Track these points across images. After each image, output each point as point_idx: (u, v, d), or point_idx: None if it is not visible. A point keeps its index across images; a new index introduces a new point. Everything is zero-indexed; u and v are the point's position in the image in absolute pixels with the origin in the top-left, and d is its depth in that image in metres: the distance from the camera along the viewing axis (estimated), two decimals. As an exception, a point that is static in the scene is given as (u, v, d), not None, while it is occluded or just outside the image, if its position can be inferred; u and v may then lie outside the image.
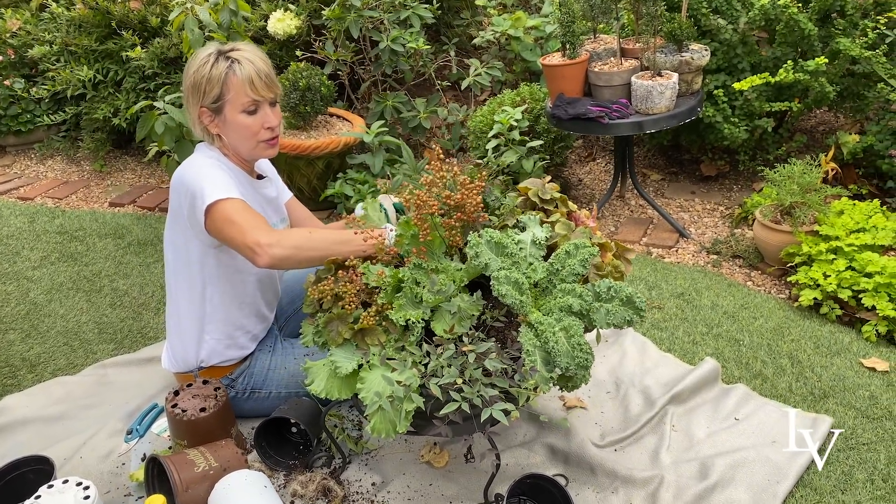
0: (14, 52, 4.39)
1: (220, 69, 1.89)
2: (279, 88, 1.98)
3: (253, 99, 1.91)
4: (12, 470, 1.88)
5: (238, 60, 1.90)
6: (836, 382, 2.20)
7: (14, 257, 3.26)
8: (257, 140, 1.96)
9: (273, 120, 1.96)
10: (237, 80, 1.89)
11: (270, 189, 2.15)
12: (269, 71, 1.94)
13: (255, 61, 1.91)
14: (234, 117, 1.92)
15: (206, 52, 1.92)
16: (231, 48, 1.93)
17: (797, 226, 2.71)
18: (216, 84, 1.89)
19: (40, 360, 2.53)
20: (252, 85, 1.89)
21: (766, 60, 3.19)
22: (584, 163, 4.06)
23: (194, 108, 1.95)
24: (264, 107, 1.94)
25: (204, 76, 1.90)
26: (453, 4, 4.64)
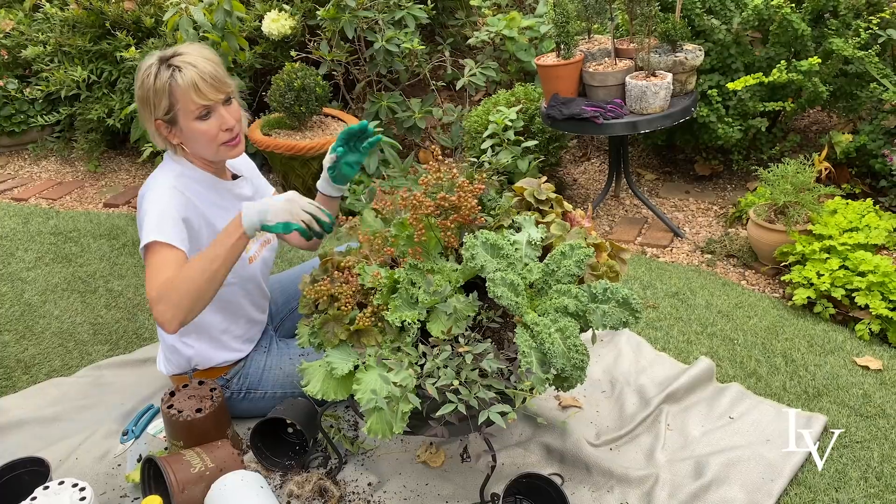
0: (7, 52, 4.37)
1: (163, 80, 1.81)
2: (230, 86, 1.89)
3: (202, 104, 1.83)
4: (7, 471, 1.87)
5: (179, 67, 1.81)
6: (829, 381, 2.22)
7: (8, 258, 3.25)
8: (217, 143, 1.90)
9: (229, 120, 1.89)
10: (182, 88, 1.81)
11: (246, 188, 2.11)
12: (214, 71, 1.85)
13: (199, 64, 1.82)
14: (189, 125, 1.86)
15: (148, 63, 1.85)
16: (173, 53, 1.85)
17: (791, 225, 2.73)
18: (163, 95, 1.82)
19: (35, 362, 2.53)
20: (197, 90, 1.81)
21: (759, 60, 3.20)
22: (578, 163, 4.07)
23: (149, 123, 1.90)
24: (217, 109, 1.86)
25: (149, 89, 1.83)
26: (448, 5, 4.64)
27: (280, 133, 3.68)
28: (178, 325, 1.69)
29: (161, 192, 1.87)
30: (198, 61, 1.83)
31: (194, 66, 1.82)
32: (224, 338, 2.07)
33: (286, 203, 1.72)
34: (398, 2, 3.81)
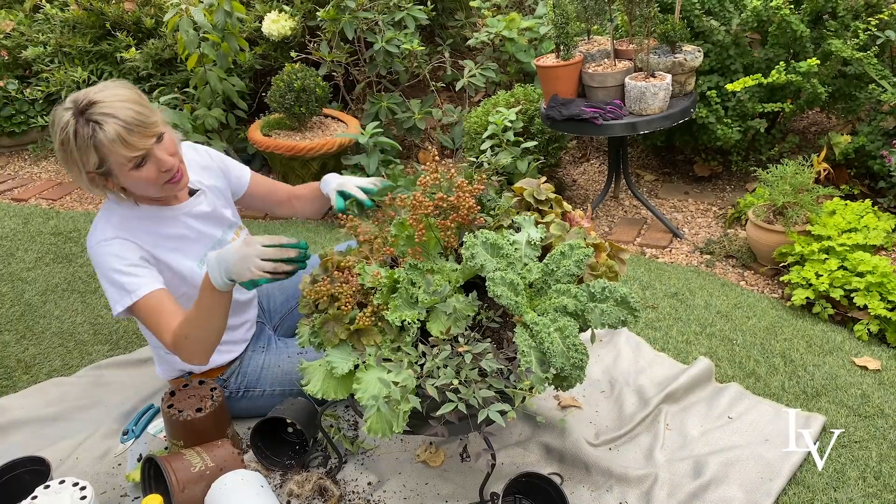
0: (8, 53, 4.38)
1: (84, 137, 1.67)
2: (158, 124, 1.75)
3: (133, 156, 1.71)
4: (8, 471, 1.88)
5: (98, 122, 1.66)
6: (828, 381, 2.22)
7: (8, 258, 3.26)
8: (159, 185, 1.81)
9: (167, 161, 1.77)
10: (107, 145, 1.67)
11: (203, 203, 2.00)
12: (138, 116, 1.69)
13: (119, 113, 1.67)
14: (126, 175, 1.75)
15: (63, 120, 1.68)
16: (87, 103, 1.67)
17: (790, 226, 2.73)
18: (88, 152, 1.69)
19: (35, 361, 2.53)
20: (125, 143, 1.68)
21: (758, 62, 3.21)
22: (578, 163, 4.08)
23: (80, 176, 1.76)
24: (151, 152, 1.74)
25: (71, 149, 1.69)
26: (447, 6, 4.66)
27: (280, 134, 3.69)
28: (207, 360, 1.82)
29: (107, 252, 1.80)
30: (118, 110, 1.68)
31: (115, 118, 1.67)
32: None
33: (244, 259, 1.62)
34: (398, 3, 3.82)
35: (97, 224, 1.87)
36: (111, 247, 1.81)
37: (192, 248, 1.98)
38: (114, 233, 1.83)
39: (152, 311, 1.77)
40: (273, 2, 4.08)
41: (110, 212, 1.88)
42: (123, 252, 1.81)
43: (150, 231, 1.90)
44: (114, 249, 1.81)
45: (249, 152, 4.15)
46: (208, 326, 1.75)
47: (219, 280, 1.67)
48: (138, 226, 1.88)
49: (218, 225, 2.06)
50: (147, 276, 1.81)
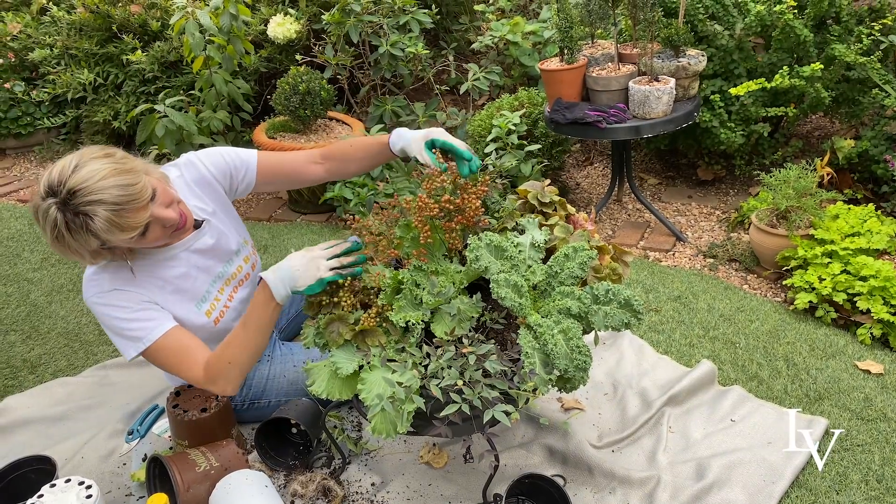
0: (14, 55, 4.40)
1: (78, 228, 1.58)
2: (145, 190, 1.62)
3: (129, 237, 1.63)
4: (14, 470, 1.89)
5: (87, 213, 1.55)
6: (831, 384, 2.23)
7: (14, 259, 3.28)
8: (164, 239, 1.77)
9: (168, 218, 1.70)
10: (103, 235, 1.59)
11: (207, 236, 1.93)
12: (124, 190, 1.57)
13: (105, 196, 1.55)
14: (129, 245, 1.71)
15: (51, 217, 1.56)
16: (68, 192, 1.54)
17: (793, 230, 2.74)
18: (87, 240, 1.60)
19: (41, 362, 2.55)
20: (120, 228, 1.59)
21: (762, 66, 3.22)
22: (581, 167, 4.09)
23: (83, 258, 1.68)
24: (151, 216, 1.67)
25: (69, 242, 1.61)
26: (452, 10, 4.68)
27: (285, 136, 3.70)
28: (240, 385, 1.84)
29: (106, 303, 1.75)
30: (102, 193, 1.55)
31: (102, 203, 1.55)
32: None
33: (309, 263, 1.65)
34: (403, 6, 3.83)
35: (90, 276, 1.79)
36: (109, 298, 1.75)
37: (193, 288, 1.91)
38: (110, 284, 1.76)
39: (171, 351, 1.73)
40: (278, 5, 4.10)
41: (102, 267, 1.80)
42: (123, 301, 1.75)
43: (148, 276, 1.83)
44: (113, 300, 1.74)
45: (254, 155, 4.17)
46: (255, 345, 1.76)
47: (282, 292, 1.69)
48: (135, 274, 1.81)
49: (220, 258, 1.99)
50: (156, 317, 1.76)
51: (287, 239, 3.39)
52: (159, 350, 1.76)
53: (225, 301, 1.99)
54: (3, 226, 3.63)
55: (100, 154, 1.62)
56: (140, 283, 1.81)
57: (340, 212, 3.47)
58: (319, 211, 3.70)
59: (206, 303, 1.94)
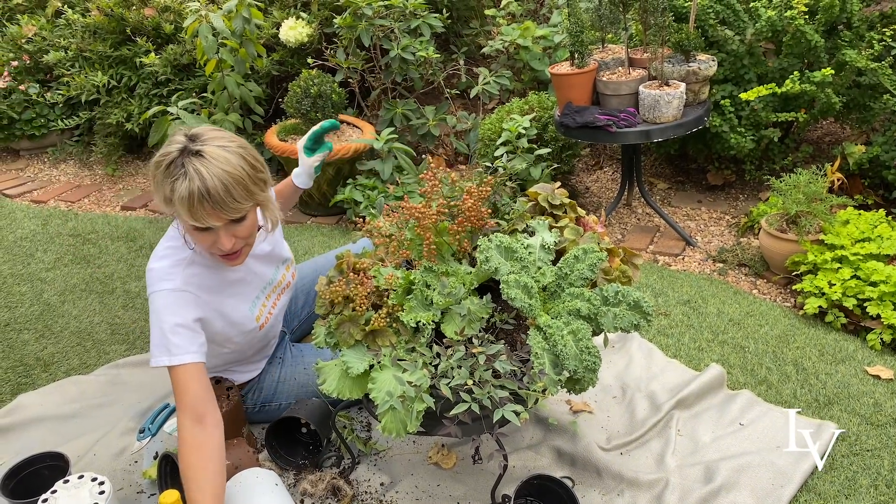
0: (29, 57, 4.45)
1: (170, 175, 1.59)
2: (241, 210, 1.63)
3: (192, 224, 1.63)
4: (27, 466, 1.91)
5: (186, 174, 1.56)
6: (840, 389, 2.22)
7: (28, 259, 3.31)
8: (211, 252, 1.74)
9: (224, 244, 1.67)
10: (177, 197, 1.58)
11: (264, 244, 1.98)
12: (226, 193, 1.57)
13: (209, 180, 1.56)
14: (186, 226, 1.68)
15: (172, 147, 1.61)
16: (196, 150, 1.58)
17: (803, 235, 2.74)
18: (164, 186, 1.61)
19: (54, 360, 2.57)
20: (191, 210, 1.58)
21: (772, 71, 3.22)
22: (591, 171, 4.09)
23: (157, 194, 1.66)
24: (216, 230, 1.66)
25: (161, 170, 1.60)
26: (463, 14, 4.69)
27: (296, 139, 3.73)
28: None
29: (169, 302, 1.72)
30: (212, 176, 1.57)
31: (202, 180, 1.56)
32: (235, 367, 2.11)
33: None
34: (414, 10, 3.86)
35: (166, 264, 1.76)
36: (175, 298, 1.72)
37: (247, 292, 1.94)
38: (182, 282, 1.74)
39: (182, 382, 1.68)
40: (290, 9, 4.13)
41: (179, 250, 1.78)
42: (183, 309, 1.73)
43: (213, 277, 1.83)
44: (177, 302, 1.72)
45: (266, 157, 4.20)
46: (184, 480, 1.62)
47: None
48: (203, 272, 1.80)
49: (273, 263, 2.03)
50: (193, 344, 1.71)
51: (297, 241, 3.41)
52: (178, 374, 1.69)
53: (270, 308, 2.02)
54: (16, 226, 3.66)
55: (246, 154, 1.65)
56: (206, 284, 1.80)
57: (351, 214, 3.49)
58: (330, 213, 3.72)
59: (255, 308, 1.96)
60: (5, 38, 4.56)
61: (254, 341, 2.02)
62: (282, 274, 2.08)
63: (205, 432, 1.64)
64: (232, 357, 2.03)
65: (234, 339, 1.94)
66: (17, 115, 4.43)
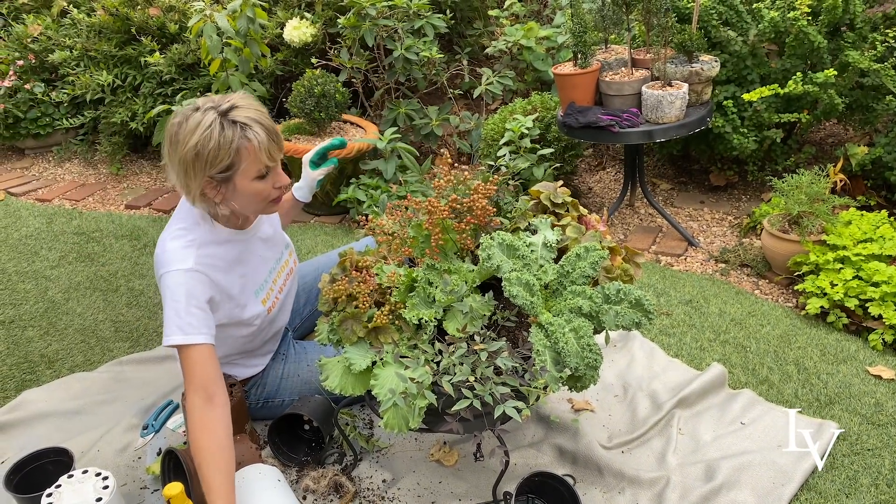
0: (35, 56, 4.47)
1: (229, 138, 1.69)
2: (284, 146, 1.85)
3: (268, 165, 1.77)
4: (32, 461, 1.92)
5: (248, 125, 1.71)
6: (842, 389, 2.23)
7: (33, 257, 3.33)
8: (267, 201, 1.84)
9: (284, 178, 1.84)
10: (252, 149, 1.71)
11: (266, 226, 2.05)
12: (275, 127, 1.78)
13: (264, 122, 1.74)
14: (245, 185, 1.77)
15: (208, 119, 1.70)
16: (229, 106, 1.72)
17: (805, 235, 2.74)
18: (227, 154, 1.70)
19: (58, 357, 2.59)
20: (268, 153, 1.74)
21: (775, 72, 3.23)
22: (593, 171, 4.10)
23: (196, 180, 1.73)
24: (276, 168, 1.81)
25: (212, 147, 1.69)
26: (466, 15, 4.71)
27: (300, 138, 3.74)
28: None
29: (182, 282, 1.75)
30: (263, 120, 1.74)
31: (262, 125, 1.73)
32: (240, 360, 2.12)
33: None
34: (418, 11, 3.87)
35: (178, 245, 1.79)
36: (188, 278, 1.75)
37: (255, 275, 1.97)
38: (194, 262, 1.77)
39: (194, 361, 1.71)
40: (295, 9, 4.15)
41: (190, 237, 1.82)
42: (197, 289, 1.76)
43: (225, 258, 1.87)
44: (190, 282, 1.75)
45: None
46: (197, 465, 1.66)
47: None
48: (216, 252, 1.84)
49: (276, 247, 2.08)
50: (205, 325, 1.75)
51: (301, 240, 3.42)
52: (190, 354, 1.72)
53: (276, 292, 2.06)
54: (21, 224, 3.68)
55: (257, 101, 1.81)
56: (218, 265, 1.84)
57: (354, 213, 3.50)
58: (333, 213, 3.73)
59: (262, 291, 2.00)
60: (11, 37, 4.58)
61: (262, 326, 2.02)
62: (285, 259, 2.12)
63: (214, 412, 1.68)
64: (239, 345, 2.03)
65: (243, 322, 1.95)
66: (23, 114, 4.45)
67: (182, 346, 1.72)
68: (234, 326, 1.96)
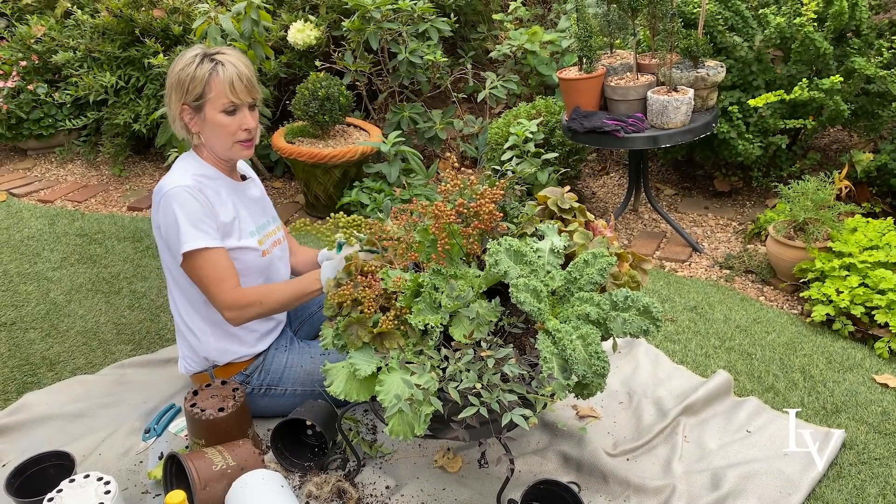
0: (38, 57, 4.46)
1: (203, 70, 1.96)
2: (258, 93, 2.06)
3: (231, 101, 1.98)
4: (34, 464, 1.91)
5: (222, 63, 1.97)
6: (848, 397, 2.21)
7: (34, 258, 3.31)
8: (234, 140, 2.03)
9: (250, 122, 2.04)
10: (219, 81, 1.96)
11: (254, 189, 2.22)
12: (250, 76, 2.01)
13: (238, 65, 1.99)
14: (214, 116, 1.99)
15: (193, 53, 2.00)
16: (216, 51, 2.01)
17: (810, 242, 2.73)
18: (199, 83, 1.96)
19: (60, 359, 2.57)
20: (232, 87, 1.97)
21: (780, 78, 3.22)
22: (597, 176, 4.09)
23: (176, 105, 2.02)
24: (243, 109, 2.01)
25: (189, 75, 1.96)
26: (470, 18, 4.70)
27: (303, 141, 3.73)
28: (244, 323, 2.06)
29: (184, 197, 1.96)
30: (238, 63, 2.00)
31: (235, 66, 1.98)
32: (241, 332, 2.12)
33: None
34: (422, 14, 3.86)
35: (175, 172, 2.03)
36: (187, 196, 1.95)
37: (246, 220, 2.12)
38: (193, 182, 1.98)
39: (216, 265, 1.96)
40: (299, 11, 4.14)
41: (184, 167, 2.05)
42: (196, 204, 1.96)
43: (216, 190, 2.05)
44: (189, 199, 1.95)
45: (272, 159, 4.21)
46: (283, 303, 2.03)
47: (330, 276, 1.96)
48: (209, 184, 2.04)
49: (265, 213, 2.23)
50: (216, 232, 1.99)
51: (304, 242, 3.41)
52: (210, 258, 1.96)
53: (270, 245, 2.18)
54: (23, 225, 3.67)
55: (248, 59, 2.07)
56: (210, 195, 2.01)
57: (357, 217, 3.48)
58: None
59: (257, 234, 2.14)
60: (14, 38, 4.57)
61: (264, 265, 2.13)
62: (273, 227, 2.24)
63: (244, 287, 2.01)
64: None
65: (239, 259, 2.07)
66: (25, 115, 4.44)
67: (203, 249, 1.94)
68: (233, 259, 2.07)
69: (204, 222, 1.96)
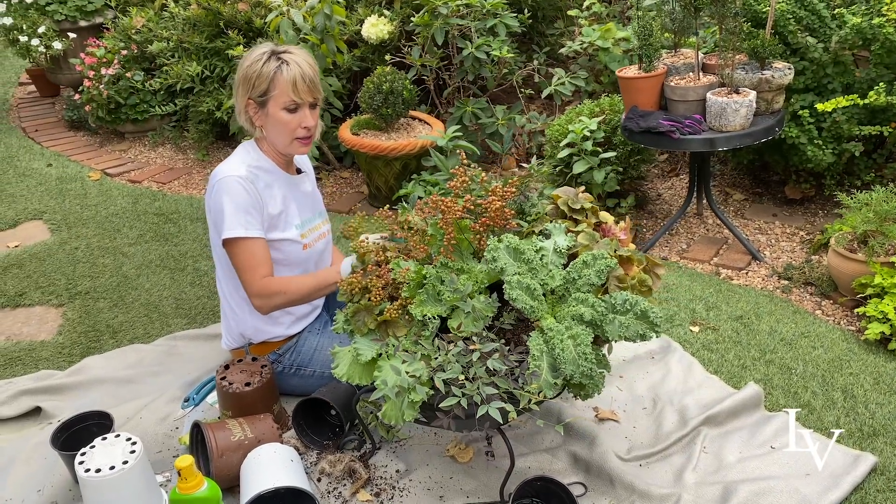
0: (137, 46, 4.78)
1: (270, 68, 2.05)
2: (320, 93, 2.14)
3: (293, 99, 2.07)
4: (79, 422, 2.09)
5: (287, 62, 2.06)
6: (889, 421, 2.09)
7: (115, 234, 3.57)
8: (293, 137, 2.13)
9: (310, 121, 2.13)
10: (283, 80, 2.05)
11: (307, 184, 2.32)
12: (313, 76, 2.10)
13: (303, 65, 2.07)
14: (276, 113, 2.09)
15: (261, 51, 2.09)
16: (284, 50, 2.10)
17: (871, 255, 2.58)
18: (265, 80, 2.06)
19: (122, 328, 2.78)
20: (295, 87, 2.06)
21: (860, 82, 3.04)
22: (666, 178, 3.99)
23: (242, 99, 2.13)
24: (304, 108, 2.10)
25: (255, 72, 2.07)
26: (548, 14, 4.67)
27: (368, 133, 3.84)
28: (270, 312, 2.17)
29: (234, 187, 2.07)
30: (303, 63, 2.08)
31: (299, 66, 2.07)
32: (277, 314, 2.22)
33: None
34: (493, 10, 3.88)
35: (233, 160, 2.15)
36: (237, 185, 2.06)
37: (294, 211, 2.21)
38: (242, 174, 2.09)
39: (252, 254, 2.08)
40: (375, 6, 4.25)
41: (242, 157, 2.16)
42: (245, 194, 2.07)
43: (270, 184, 2.15)
44: (239, 188, 2.06)
45: (342, 150, 4.34)
46: (307, 295, 2.14)
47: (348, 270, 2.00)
48: (263, 175, 2.15)
49: (314, 208, 2.33)
50: (258, 224, 2.09)
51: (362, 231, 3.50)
52: (250, 247, 2.07)
53: (314, 239, 2.28)
54: (111, 203, 3.95)
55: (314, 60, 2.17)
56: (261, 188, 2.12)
57: (413, 208, 3.56)
58: (395, 206, 3.80)
59: (302, 228, 2.24)
60: (118, 28, 4.91)
61: (305, 258, 2.23)
62: (319, 222, 2.33)
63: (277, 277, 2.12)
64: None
65: (281, 250, 2.17)
66: (124, 101, 4.76)
67: (241, 238, 2.05)
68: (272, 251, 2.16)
69: (248, 213, 2.07)
